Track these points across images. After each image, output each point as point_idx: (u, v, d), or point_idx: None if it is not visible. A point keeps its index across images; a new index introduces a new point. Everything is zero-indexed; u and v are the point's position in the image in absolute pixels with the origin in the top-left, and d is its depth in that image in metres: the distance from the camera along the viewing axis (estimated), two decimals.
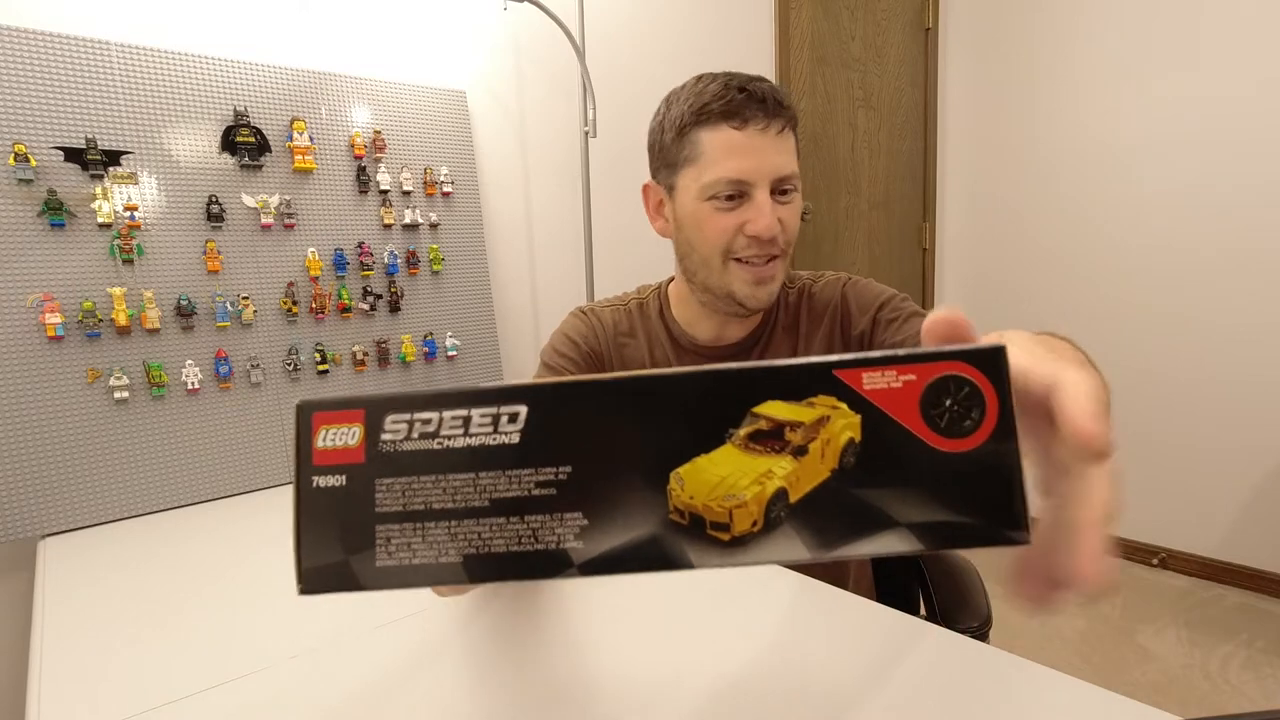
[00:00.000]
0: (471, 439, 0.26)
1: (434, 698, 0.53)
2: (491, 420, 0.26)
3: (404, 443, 0.26)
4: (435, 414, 0.26)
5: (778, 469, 0.25)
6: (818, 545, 0.25)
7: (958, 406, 0.24)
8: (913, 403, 0.25)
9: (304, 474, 0.27)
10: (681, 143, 0.78)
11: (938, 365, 0.25)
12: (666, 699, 0.51)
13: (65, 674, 0.61)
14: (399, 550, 0.26)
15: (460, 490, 0.26)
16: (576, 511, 0.26)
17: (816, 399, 0.25)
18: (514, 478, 0.26)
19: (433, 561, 0.26)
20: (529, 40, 1.55)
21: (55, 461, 1.01)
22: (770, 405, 0.25)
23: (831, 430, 0.25)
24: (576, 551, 0.26)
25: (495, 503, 0.26)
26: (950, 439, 0.25)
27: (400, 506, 0.26)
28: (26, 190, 0.98)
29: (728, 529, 0.25)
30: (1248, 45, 1.97)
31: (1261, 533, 2.07)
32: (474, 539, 0.26)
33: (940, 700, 0.48)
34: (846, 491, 0.25)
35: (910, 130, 2.57)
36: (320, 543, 0.27)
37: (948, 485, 0.24)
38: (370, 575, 0.26)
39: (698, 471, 0.25)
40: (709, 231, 0.77)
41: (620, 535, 0.25)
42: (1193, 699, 1.61)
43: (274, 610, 0.71)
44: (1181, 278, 2.16)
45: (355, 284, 1.29)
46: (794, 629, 0.59)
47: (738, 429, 0.25)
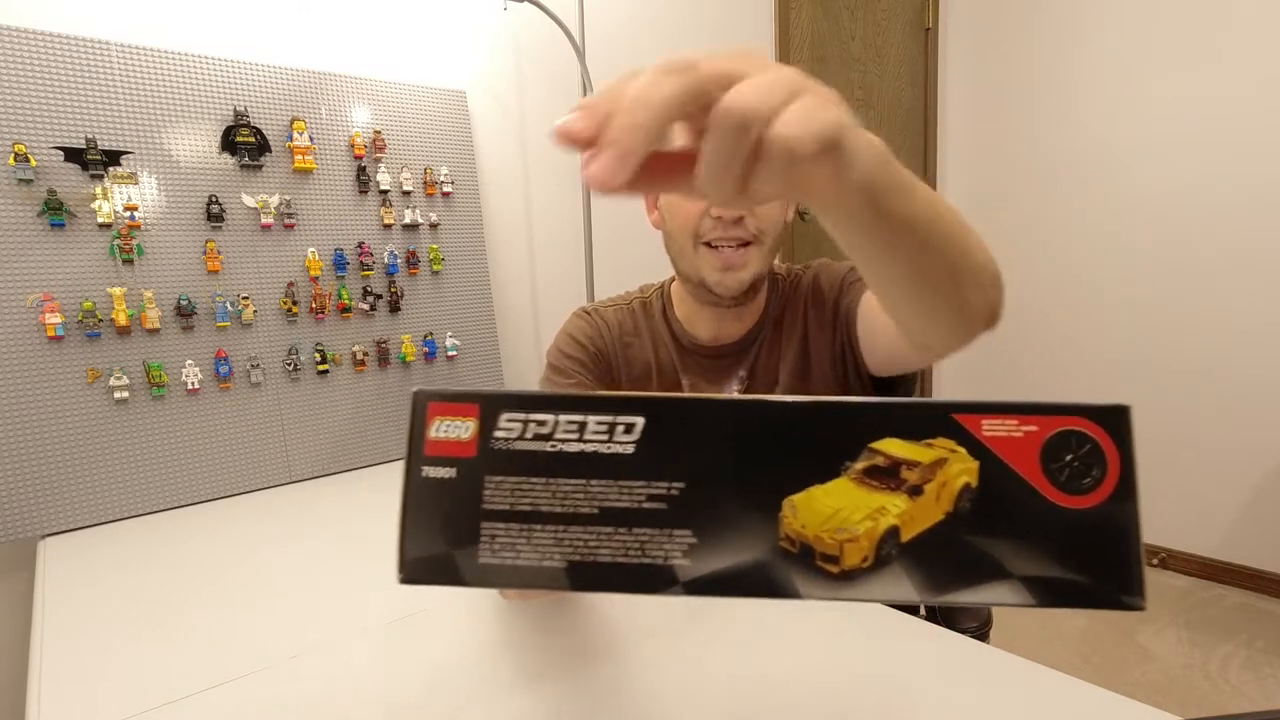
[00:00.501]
0: (585, 445, 0.26)
1: (434, 698, 0.53)
2: (608, 428, 0.26)
3: (517, 441, 0.26)
4: (551, 416, 0.26)
5: (892, 506, 0.25)
6: (926, 588, 0.24)
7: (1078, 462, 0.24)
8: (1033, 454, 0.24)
9: (414, 463, 0.27)
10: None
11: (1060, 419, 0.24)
12: (666, 698, 0.51)
13: (65, 674, 0.61)
14: (503, 549, 0.26)
15: (570, 495, 0.26)
16: (687, 529, 0.25)
17: (935, 441, 0.25)
18: (625, 489, 0.26)
19: (536, 564, 0.26)
20: (529, 40, 1.55)
21: (55, 461, 1.01)
22: (889, 442, 0.25)
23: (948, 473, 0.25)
24: (683, 569, 0.25)
25: (605, 512, 0.26)
26: (1069, 495, 0.24)
27: (508, 505, 0.26)
28: (26, 190, 0.98)
29: (838, 562, 0.25)
30: (1247, 45, 1.97)
31: (1261, 533, 2.07)
32: (580, 546, 0.26)
33: (940, 700, 0.48)
34: (960, 537, 0.24)
35: (910, 130, 2.57)
36: (425, 533, 0.27)
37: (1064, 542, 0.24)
38: (472, 571, 0.26)
39: (811, 501, 0.25)
40: (680, 215, 0.78)
41: (729, 557, 0.25)
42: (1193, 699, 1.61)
43: (274, 610, 0.71)
44: (1181, 278, 2.16)
45: (355, 284, 1.29)
46: (794, 629, 0.59)
47: (854, 463, 0.25)
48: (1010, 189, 2.53)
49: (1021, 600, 0.24)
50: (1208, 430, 2.15)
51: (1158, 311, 2.22)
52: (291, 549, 0.89)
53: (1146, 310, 2.24)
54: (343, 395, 1.28)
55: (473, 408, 0.27)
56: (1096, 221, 2.32)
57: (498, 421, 0.27)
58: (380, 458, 1.32)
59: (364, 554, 0.85)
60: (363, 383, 1.30)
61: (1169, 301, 2.19)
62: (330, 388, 1.27)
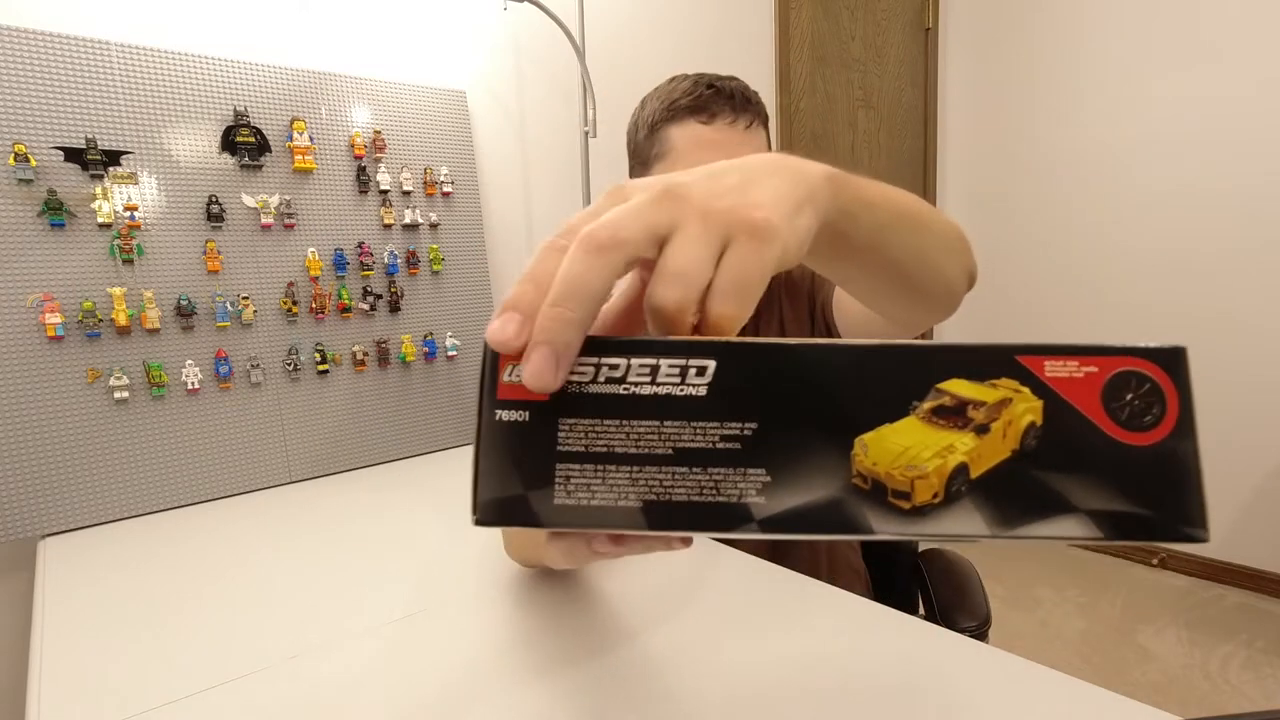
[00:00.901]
0: (658, 388, 0.26)
1: (434, 697, 0.53)
2: (680, 371, 0.26)
3: (590, 385, 0.27)
4: (623, 360, 0.27)
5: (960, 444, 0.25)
6: (997, 522, 0.25)
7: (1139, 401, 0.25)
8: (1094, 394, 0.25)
9: (487, 407, 0.27)
10: (653, 139, 0.80)
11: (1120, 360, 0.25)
12: (667, 698, 0.51)
13: (65, 674, 0.61)
14: (578, 490, 0.26)
15: (644, 436, 0.26)
16: (760, 468, 0.26)
17: (1000, 381, 0.25)
18: (699, 429, 0.26)
19: (612, 504, 0.26)
20: (529, 40, 1.55)
21: (55, 461, 1.01)
22: (955, 383, 0.26)
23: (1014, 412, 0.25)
24: (758, 507, 0.26)
25: (679, 452, 0.26)
26: (1131, 432, 0.25)
27: (583, 447, 0.26)
28: (26, 190, 0.98)
29: (909, 498, 0.25)
30: (1247, 45, 1.97)
31: (1261, 533, 2.07)
32: (655, 486, 0.26)
33: (940, 700, 0.48)
34: (1027, 473, 0.25)
35: (910, 130, 2.57)
36: (499, 475, 0.27)
37: (1128, 477, 0.25)
38: (548, 512, 0.26)
39: (882, 440, 0.25)
40: None
41: (802, 495, 0.26)
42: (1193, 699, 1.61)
43: (274, 610, 0.71)
44: (1181, 278, 2.16)
45: (355, 284, 1.29)
46: (794, 629, 0.59)
47: (922, 403, 0.26)
48: (1010, 189, 2.53)
49: (1089, 533, 0.25)
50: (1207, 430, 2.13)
51: (1157, 311, 2.22)
52: (291, 549, 0.89)
53: (1146, 310, 2.24)
54: (343, 395, 1.28)
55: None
56: (1096, 221, 2.32)
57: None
58: (380, 458, 1.32)
59: (364, 554, 0.85)
60: (363, 383, 1.30)
61: (1169, 301, 2.19)
62: (330, 388, 1.27)
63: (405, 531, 0.93)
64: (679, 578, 0.71)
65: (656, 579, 0.71)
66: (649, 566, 0.74)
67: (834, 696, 0.50)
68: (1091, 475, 0.25)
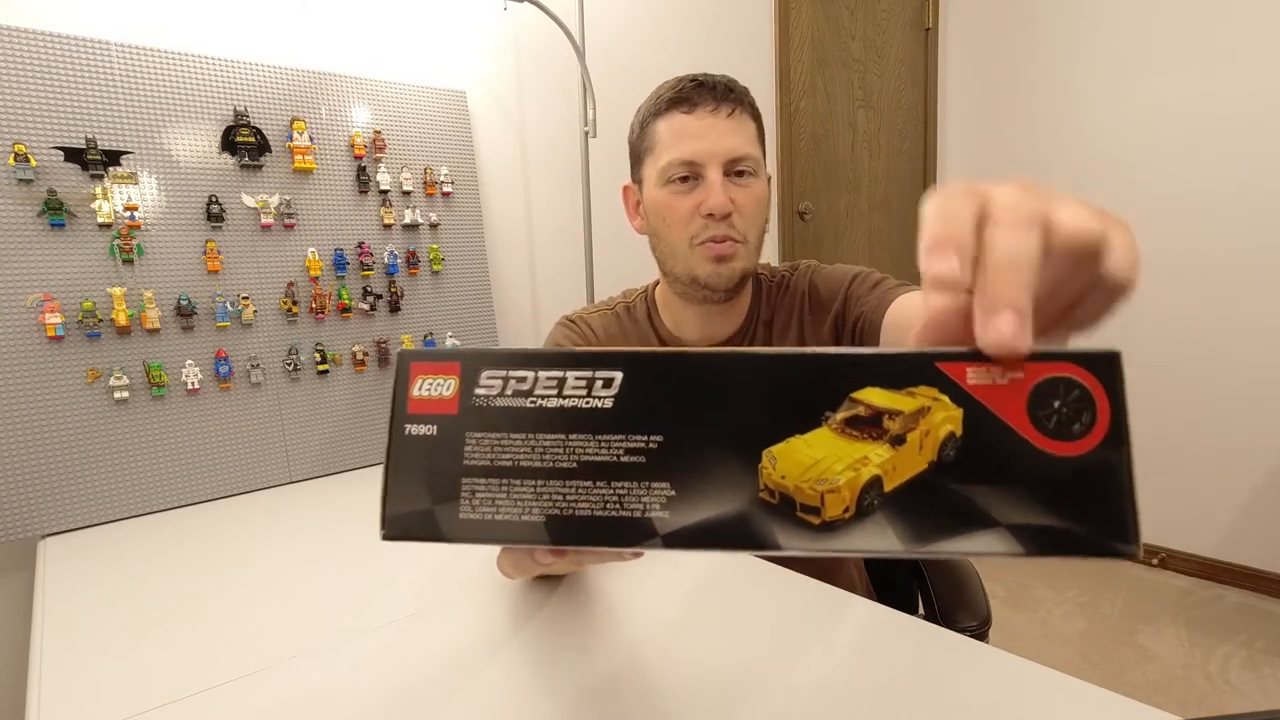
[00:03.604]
0: (565, 400, 0.26)
1: (434, 698, 0.53)
2: (586, 383, 0.26)
3: (497, 398, 0.27)
4: (531, 373, 0.27)
5: (874, 456, 0.24)
6: (910, 538, 0.24)
7: (1067, 409, 0.24)
8: (1019, 402, 0.24)
9: (398, 421, 0.27)
10: (644, 135, 0.82)
11: (1047, 366, 0.24)
12: (666, 698, 0.51)
13: (65, 674, 0.61)
14: (483, 504, 0.26)
15: (549, 450, 0.26)
16: (665, 481, 0.25)
17: (918, 389, 0.24)
18: (604, 442, 0.26)
19: (515, 519, 0.26)
20: (529, 40, 1.55)
21: (55, 461, 1.01)
22: (870, 392, 0.25)
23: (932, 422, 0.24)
24: (662, 521, 0.25)
25: (583, 465, 0.26)
26: (1058, 442, 0.24)
27: (488, 461, 0.26)
28: (26, 190, 0.98)
29: (819, 513, 0.24)
30: (1247, 45, 1.97)
31: (1261, 533, 2.07)
32: (559, 500, 0.26)
33: (940, 700, 0.48)
34: (944, 486, 0.24)
35: (910, 130, 2.57)
36: (407, 489, 0.27)
37: (1054, 490, 0.23)
38: (452, 526, 0.26)
39: (792, 452, 0.25)
40: (670, 216, 0.79)
41: (708, 509, 0.25)
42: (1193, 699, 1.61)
43: (274, 610, 0.71)
44: (1181, 278, 2.16)
45: (355, 284, 1.29)
46: (794, 629, 0.59)
47: (835, 413, 0.25)
48: None
49: (1010, 549, 0.23)
50: (1208, 430, 2.15)
51: (1157, 311, 2.22)
52: (291, 549, 0.89)
53: (1146, 310, 2.24)
54: (343, 395, 1.28)
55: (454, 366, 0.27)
56: None
57: (478, 379, 0.27)
58: (380, 458, 1.32)
59: (364, 554, 0.85)
60: (363, 383, 1.30)
61: (1168, 301, 2.19)
62: (330, 388, 1.27)
63: None
64: (678, 578, 0.71)
65: (655, 579, 0.71)
66: (648, 567, 0.74)
67: (834, 696, 0.50)
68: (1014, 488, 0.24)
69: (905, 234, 2.59)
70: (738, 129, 0.78)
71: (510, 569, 0.36)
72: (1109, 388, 0.24)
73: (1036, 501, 0.23)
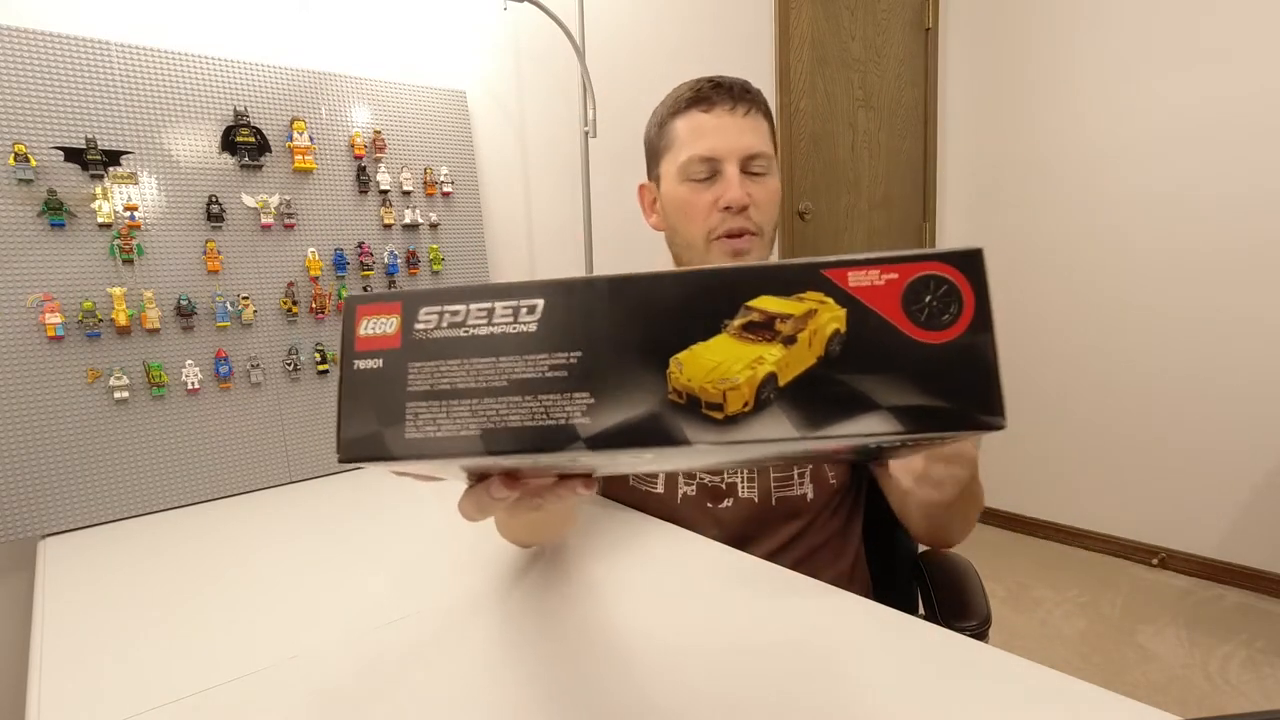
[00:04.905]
0: (494, 328, 0.29)
1: (434, 697, 0.53)
2: (513, 311, 0.29)
3: (435, 331, 0.29)
4: (463, 306, 0.29)
5: (768, 356, 0.27)
6: (804, 424, 0.27)
7: (936, 302, 0.26)
8: (895, 299, 0.27)
9: (347, 358, 0.30)
10: (662, 135, 0.85)
11: (918, 265, 0.27)
12: (666, 698, 0.51)
13: (65, 674, 0.61)
14: (426, 425, 0.29)
15: (482, 372, 0.29)
16: (585, 391, 0.28)
17: (805, 294, 0.27)
18: (530, 361, 0.28)
19: (455, 434, 0.29)
20: (529, 40, 1.55)
21: (55, 461, 1.01)
22: (762, 299, 0.27)
23: (819, 322, 0.27)
24: (584, 426, 0.28)
25: (512, 383, 0.28)
26: (930, 331, 0.26)
27: (429, 386, 0.29)
28: (26, 190, 0.98)
29: (721, 409, 0.27)
30: (1248, 45, 1.97)
31: (1261, 533, 2.07)
32: (492, 414, 0.28)
33: (940, 700, 0.48)
34: (832, 378, 0.27)
35: (910, 130, 2.57)
36: (358, 417, 0.30)
37: (928, 373, 0.26)
38: (399, 445, 0.29)
39: (695, 358, 0.27)
40: (690, 211, 0.82)
41: (624, 413, 0.28)
42: (1193, 699, 1.61)
43: (274, 610, 0.71)
44: (1182, 277, 2.16)
45: (355, 284, 1.29)
46: (793, 629, 0.59)
47: (732, 320, 0.27)
48: (1010, 189, 2.53)
49: (891, 428, 0.26)
50: (1208, 430, 2.15)
51: (1158, 310, 2.22)
52: (291, 549, 0.89)
53: (1146, 309, 2.24)
54: None
55: (395, 305, 0.30)
56: (1096, 222, 2.32)
57: (417, 315, 0.30)
58: None
59: (364, 554, 0.85)
60: None
61: (1169, 301, 2.19)
62: (330, 388, 1.27)
63: (405, 532, 0.93)
64: (677, 577, 0.71)
65: (655, 579, 0.71)
66: (648, 566, 0.74)
67: (834, 696, 0.50)
68: (893, 374, 0.26)
69: (905, 234, 2.59)
70: (754, 128, 0.81)
71: (472, 510, 0.39)
72: (973, 280, 0.26)
73: (913, 385, 0.26)
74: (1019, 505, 2.62)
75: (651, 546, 0.79)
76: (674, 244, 0.87)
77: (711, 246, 0.81)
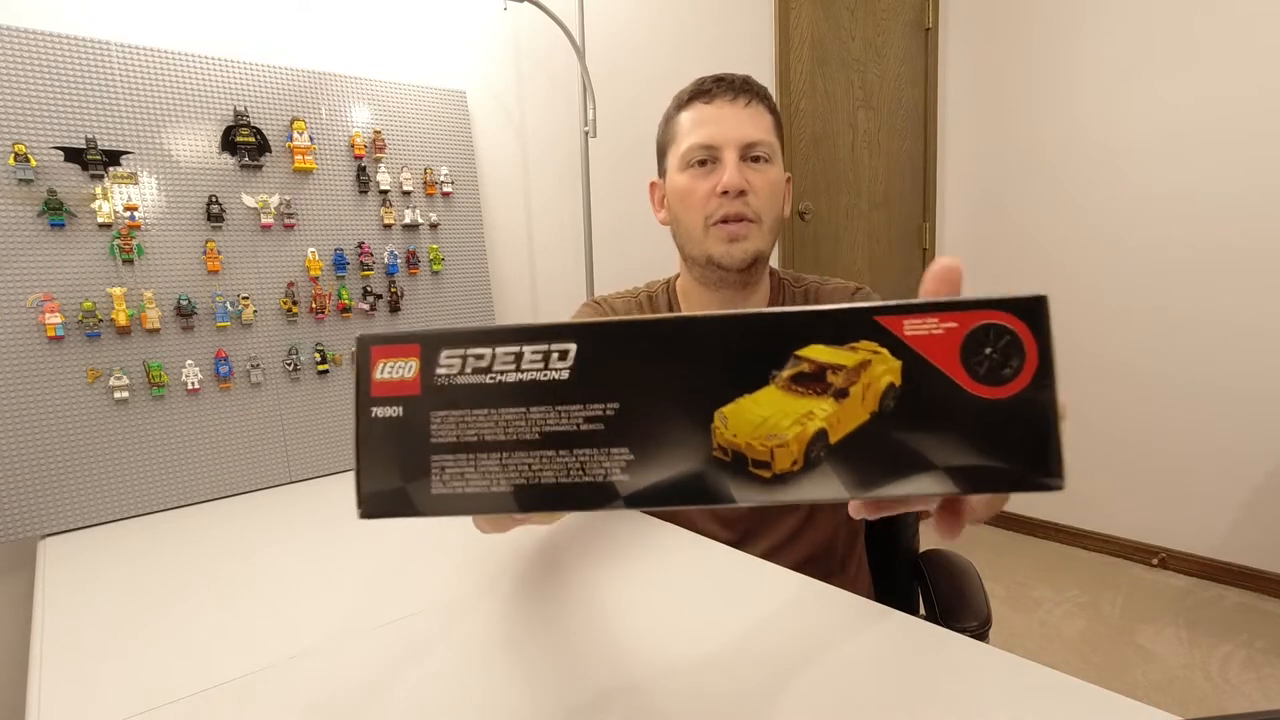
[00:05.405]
0: (523, 374, 0.27)
1: (434, 698, 0.53)
2: (543, 356, 0.27)
3: (458, 376, 0.28)
4: (488, 350, 0.28)
5: (819, 410, 0.26)
6: (856, 484, 0.26)
7: (997, 355, 0.25)
8: (953, 350, 0.25)
9: (363, 405, 0.28)
10: (667, 129, 0.88)
11: (979, 314, 0.25)
12: (666, 698, 0.51)
13: (65, 674, 0.61)
14: (453, 479, 0.27)
15: (512, 423, 0.27)
16: (623, 446, 0.26)
17: (859, 344, 0.26)
18: (563, 413, 0.27)
19: (485, 490, 0.27)
20: (529, 40, 1.55)
21: (55, 461, 1.01)
22: (813, 349, 0.26)
23: (872, 374, 0.26)
24: (623, 484, 0.26)
25: (545, 436, 0.27)
26: (989, 386, 0.25)
27: (455, 437, 0.27)
28: (26, 190, 0.98)
29: (769, 467, 0.26)
30: (1248, 46, 1.97)
31: (1261, 533, 2.07)
32: (524, 470, 0.27)
33: (940, 700, 0.48)
34: (885, 434, 0.25)
35: (910, 130, 2.57)
36: (379, 470, 0.28)
37: (986, 431, 0.25)
38: (426, 502, 0.27)
39: (741, 411, 0.26)
40: (690, 199, 0.83)
41: (665, 470, 0.26)
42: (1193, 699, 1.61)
43: (274, 610, 0.71)
44: (1182, 278, 2.16)
45: (355, 284, 1.29)
46: (794, 628, 0.59)
47: (780, 371, 0.26)
48: (1010, 189, 2.53)
49: (946, 489, 0.25)
50: (1208, 430, 2.15)
51: (1158, 311, 2.22)
52: (291, 549, 0.89)
53: (1147, 309, 2.24)
54: (343, 395, 1.28)
55: (414, 348, 0.29)
56: (1096, 222, 2.32)
57: (438, 359, 0.28)
58: None
59: (364, 554, 0.85)
60: None
61: (1169, 301, 2.19)
62: (330, 388, 1.27)
63: (405, 532, 0.93)
64: (677, 577, 0.71)
65: (655, 579, 0.71)
66: (648, 567, 0.74)
67: (834, 696, 0.50)
68: (949, 431, 0.25)
69: (905, 234, 2.59)
70: (754, 118, 0.82)
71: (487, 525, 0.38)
72: (1036, 332, 0.25)
73: (970, 443, 0.25)
74: (1019, 505, 2.62)
75: (651, 547, 0.79)
76: (677, 235, 0.88)
77: (709, 232, 0.82)
